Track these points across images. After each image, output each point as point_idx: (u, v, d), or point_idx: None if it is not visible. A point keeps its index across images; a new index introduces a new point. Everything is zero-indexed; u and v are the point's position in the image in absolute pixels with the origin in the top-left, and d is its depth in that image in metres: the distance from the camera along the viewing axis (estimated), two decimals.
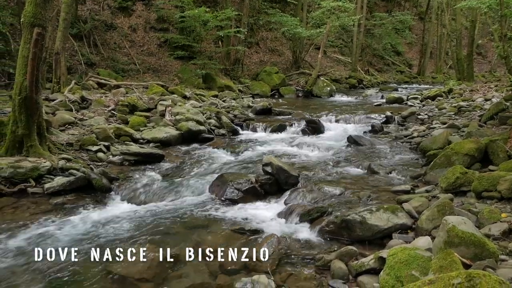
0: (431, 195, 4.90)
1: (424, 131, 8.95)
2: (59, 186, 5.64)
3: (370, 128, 9.95)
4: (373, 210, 4.27)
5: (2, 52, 13.82)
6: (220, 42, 19.77)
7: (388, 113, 11.06)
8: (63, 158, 6.47)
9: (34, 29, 6.08)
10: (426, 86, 22.07)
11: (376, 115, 11.39)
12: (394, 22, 27.31)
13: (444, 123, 9.09)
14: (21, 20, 6.33)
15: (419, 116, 10.71)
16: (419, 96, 14.67)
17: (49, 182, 5.76)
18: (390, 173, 6.27)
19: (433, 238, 3.58)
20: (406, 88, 21.56)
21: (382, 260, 3.31)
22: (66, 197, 5.54)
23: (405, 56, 33.41)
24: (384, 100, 15.24)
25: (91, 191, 5.74)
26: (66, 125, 8.41)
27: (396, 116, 10.89)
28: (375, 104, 14.62)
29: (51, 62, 12.31)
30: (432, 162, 6.00)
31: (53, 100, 10.06)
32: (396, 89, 20.12)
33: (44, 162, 6.06)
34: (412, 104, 13.31)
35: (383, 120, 10.78)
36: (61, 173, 6.07)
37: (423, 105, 12.83)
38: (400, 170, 6.38)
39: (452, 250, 2.75)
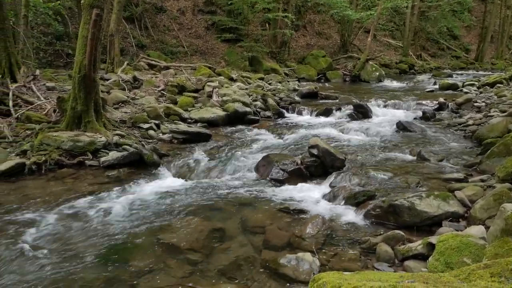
0: (486, 184, 4.67)
1: (480, 119, 8.47)
2: (114, 160, 5.98)
3: (421, 114, 9.57)
4: (422, 196, 4.15)
5: (62, 34, 14.63)
6: (267, 25, 19.64)
7: (441, 100, 10.54)
8: (117, 134, 6.83)
9: (93, 10, 6.37)
10: (484, 73, 20.69)
11: (428, 101, 10.89)
12: (451, 4, 25.58)
13: (504, 111, 8.52)
14: (81, 1, 6.66)
15: (475, 104, 10.12)
16: (476, 83, 13.81)
17: (105, 156, 6.12)
18: (442, 160, 6.02)
19: (487, 228, 3.44)
20: (461, 74, 20.35)
21: (430, 246, 3.24)
22: (120, 170, 5.87)
23: (462, 41, 31.37)
24: (437, 87, 14.52)
25: (142, 165, 6.03)
26: (120, 103, 8.81)
27: (450, 103, 10.36)
28: (427, 90, 13.96)
29: (105, 44, 12.86)
30: (488, 151, 5.68)
31: (107, 80, 10.55)
32: (451, 75, 19.06)
33: (100, 137, 6.43)
34: (468, 91, 12.57)
35: (436, 107, 10.30)
36: (115, 148, 6.41)
37: (480, 93, 12.06)
38: (452, 158, 6.12)
39: (509, 238, 2.62)
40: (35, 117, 7.15)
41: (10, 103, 7.43)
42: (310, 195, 4.95)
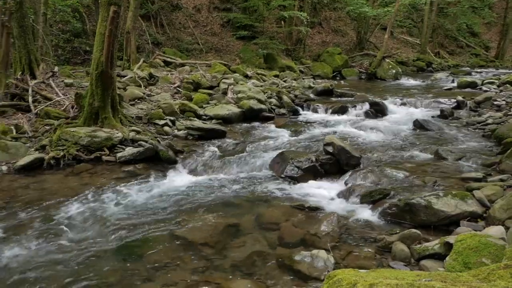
0: (506, 184, 4.56)
1: (500, 117, 8.28)
2: (130, 155, 6.05)
3: (438, 112, 9.39)
4: (440, 195, 4.08)
5: (79, 31, 14.87)
6: (282, 22, 19.56)
7: (460, 98, 10.33)
8: (133, 130, 6.91)
9: (110, 8, 6.44)
10: (504, 71, 20.16)
11: (446, 99, 10.68)
12: (471, 0, 25.01)
13: None
14: None
15: (495, 102, 9.88)
16: (496, 81, 13.49)
17: (121, 151, 6.20)
18: (460, 159, 5.90)
19: (506, 228, 3.37)
20: (480, 72, 19.87)
21: (448, 246, 3.18)
22: (136, 166, 5.93)
23: (482, 38, 30.60)
24: (455, 84, 14.24)
25: (158, 161, 6.08)
26: (136, 100, 8.92)
27: (468, 101, 10.14)
28: (445, 88, 13.71)
29: (122, 41, 13.02)
30: (508, 150, 5.55)
31: (124, 77, 10.67)
32: (470, 73, 18.64)
33: (117, 133, 6.51)
34: (488, 89, 12.29)
35: (454, 105, 10.10)
36: (131, 144, 6.50)
37: (501, 91, 11.79)
38: (470, 157, 5.99)
39: None
40: (53, 113, 7.29)
41: (30, 99, 7.60)
42: (325, 192, 4.93)
